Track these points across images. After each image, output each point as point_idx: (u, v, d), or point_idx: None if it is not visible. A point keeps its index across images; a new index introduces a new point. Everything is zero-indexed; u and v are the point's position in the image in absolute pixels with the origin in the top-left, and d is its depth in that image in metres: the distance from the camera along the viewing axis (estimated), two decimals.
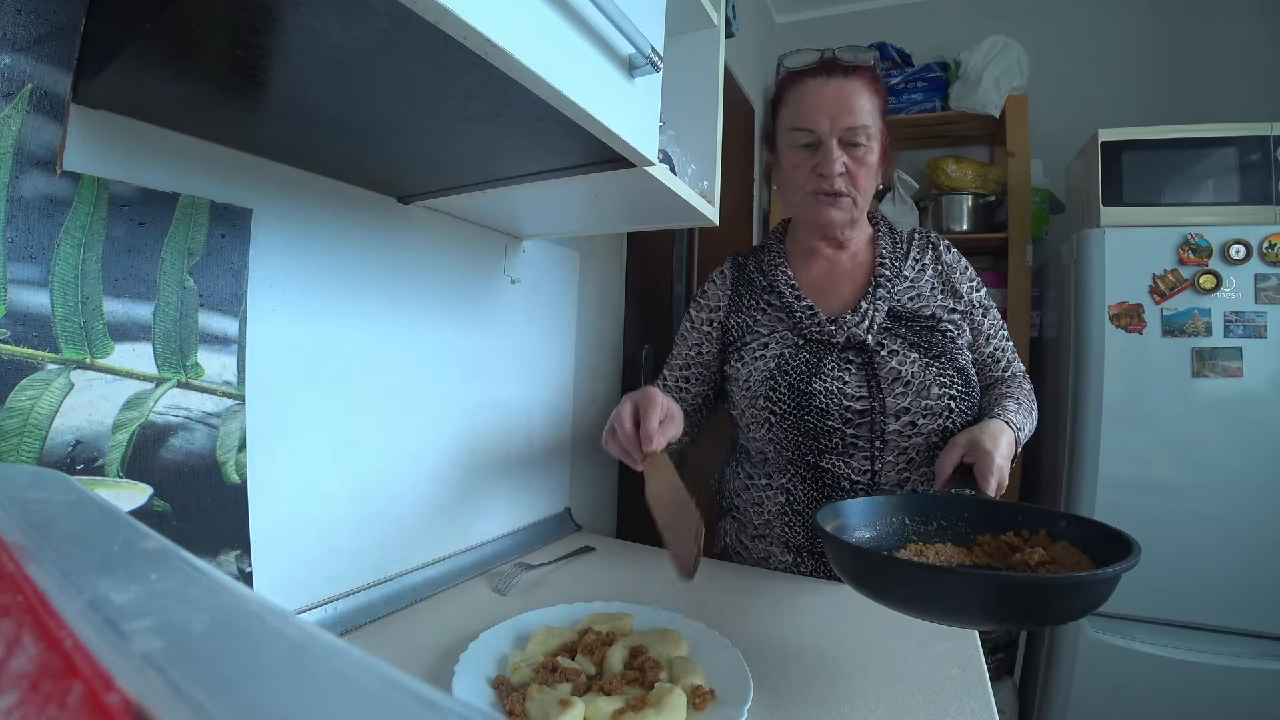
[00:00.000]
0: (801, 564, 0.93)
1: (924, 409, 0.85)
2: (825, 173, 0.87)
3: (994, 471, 0.72)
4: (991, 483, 0.72)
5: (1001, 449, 0.74)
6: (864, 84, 0.87)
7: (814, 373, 0.87)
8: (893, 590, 0.56)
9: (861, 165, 0.88)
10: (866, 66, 0.89)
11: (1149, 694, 1.52)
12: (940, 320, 0.90)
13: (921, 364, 0.86)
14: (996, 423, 0.79)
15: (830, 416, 0.86)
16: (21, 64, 0.45)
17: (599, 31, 0.50)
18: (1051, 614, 0.54)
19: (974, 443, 0.75)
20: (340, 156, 0.65)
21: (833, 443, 0.87)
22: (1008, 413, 0.82)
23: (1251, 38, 2.00)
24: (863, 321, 0.89)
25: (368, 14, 0.36)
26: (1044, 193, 2.05)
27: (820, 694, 0.60)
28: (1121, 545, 0.54)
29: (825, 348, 0.89)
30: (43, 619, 0.17)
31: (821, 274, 0.97)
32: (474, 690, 0.58)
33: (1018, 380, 0.94)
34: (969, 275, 0.96)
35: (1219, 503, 1.51)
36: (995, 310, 0.96)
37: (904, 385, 0.85)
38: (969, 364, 0.91)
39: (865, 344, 0.88)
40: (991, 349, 0.95)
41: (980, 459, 0.73)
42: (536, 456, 1.11)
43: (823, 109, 0.86)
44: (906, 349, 0.87)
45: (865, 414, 0.86)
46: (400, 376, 0.82)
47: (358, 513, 0.76)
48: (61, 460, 0.49)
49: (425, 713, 0.14)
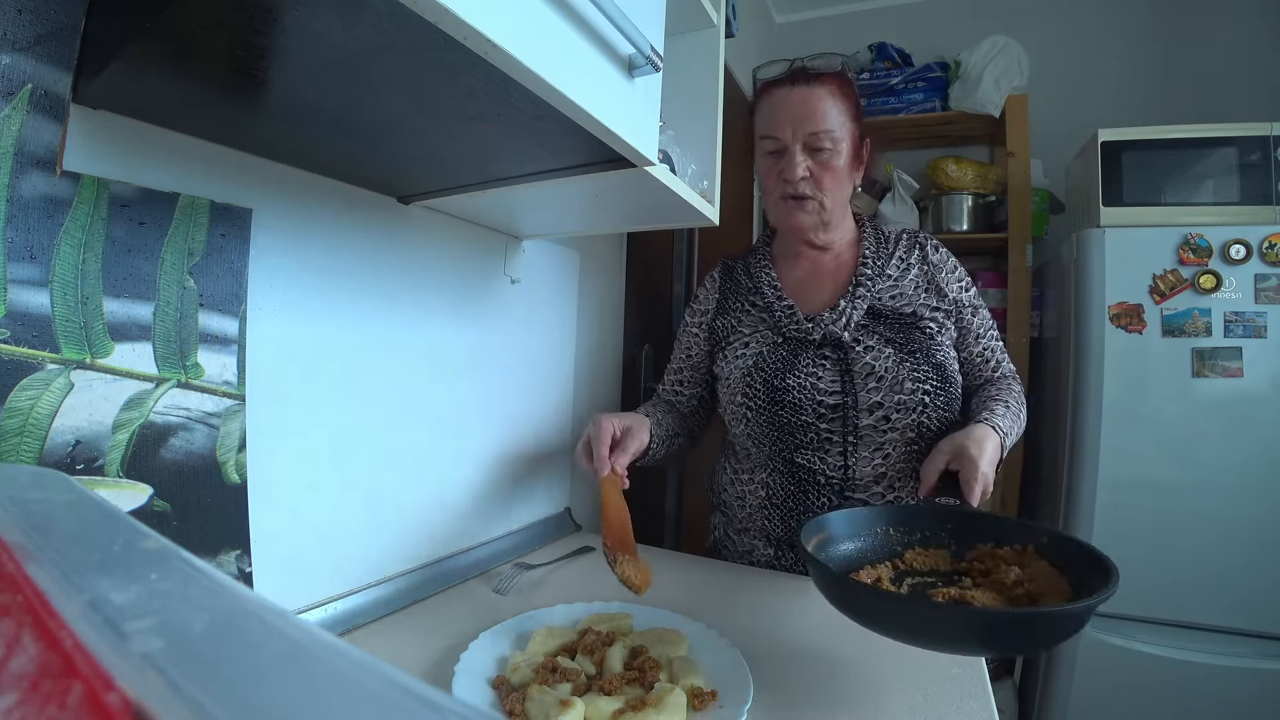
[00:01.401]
0: (782, 557, 0.95)
1: (897, 404, 0.86)
2: (788, 177, 0.90)
3: (978, 480, 0.72)
4: (976, 490, 0.72)
5: (986, 455, 0.75)
6: (829, 90, 0.90)
7: (789, 369, 0.90)
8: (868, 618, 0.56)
9: (826, 169, 0.90)
10: (833, 73, 0.92)
11: (1149, 694, 1.52)
12: (921, 318, 0.91)
13: (896, 359, 0.87)
14: (982, 428, 0.79)
15: (804, 411, 0.88)
16: (21, 64, 0.45)
17: (599, 31, 0.50)
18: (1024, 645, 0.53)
19: (959, 450, 0.75)
20: (340, 156, 0.65)
21: (807, 438, 0.89)
22: (995, 417, 0.82)
23: (1251, 38, 2.00)
24: (840, 319, 0.90)
25: (368, 14, 0.36)
26: (1044, 193, 2.05)
27: (820, 694, 0.60)
28: (1100, 571, 0.54)
29: (802, 345, 0.91)
30: (43, 619, 0.17)
31: (804, 275, 1.00)
32: (474, 690, 0.58)
33: (1007, 381, 0.95)
34: (957, 275, 0.96)
35: (1219, 503, 1.50)
36: (985, 310, 0.97)
37: (877, 380, 0.87)
38: (948, 361, 0.91)
39: (841, 340, 0.89)
40: (981, 348, 0.96)
41: (965, 466, 0.74)
42: (536, 457, 1.11)
43: (786, 116, 0.89)
44: (882, 345, 0.88)
45: (838, 409, 0.87)
46: (400, 377, 0.82)
47: (358, 513, 0.76)
48: (61, 460, 0.49)
49: (425, 713, 0.14)
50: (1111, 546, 1.74)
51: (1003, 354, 0.98)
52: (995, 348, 0.97)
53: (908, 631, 0.53)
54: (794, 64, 0.96)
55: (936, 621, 0.52)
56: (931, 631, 0.52)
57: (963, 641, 0.53)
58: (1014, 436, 0.85)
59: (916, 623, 0.53)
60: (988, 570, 0.65)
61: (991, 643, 0.53)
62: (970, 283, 0.97)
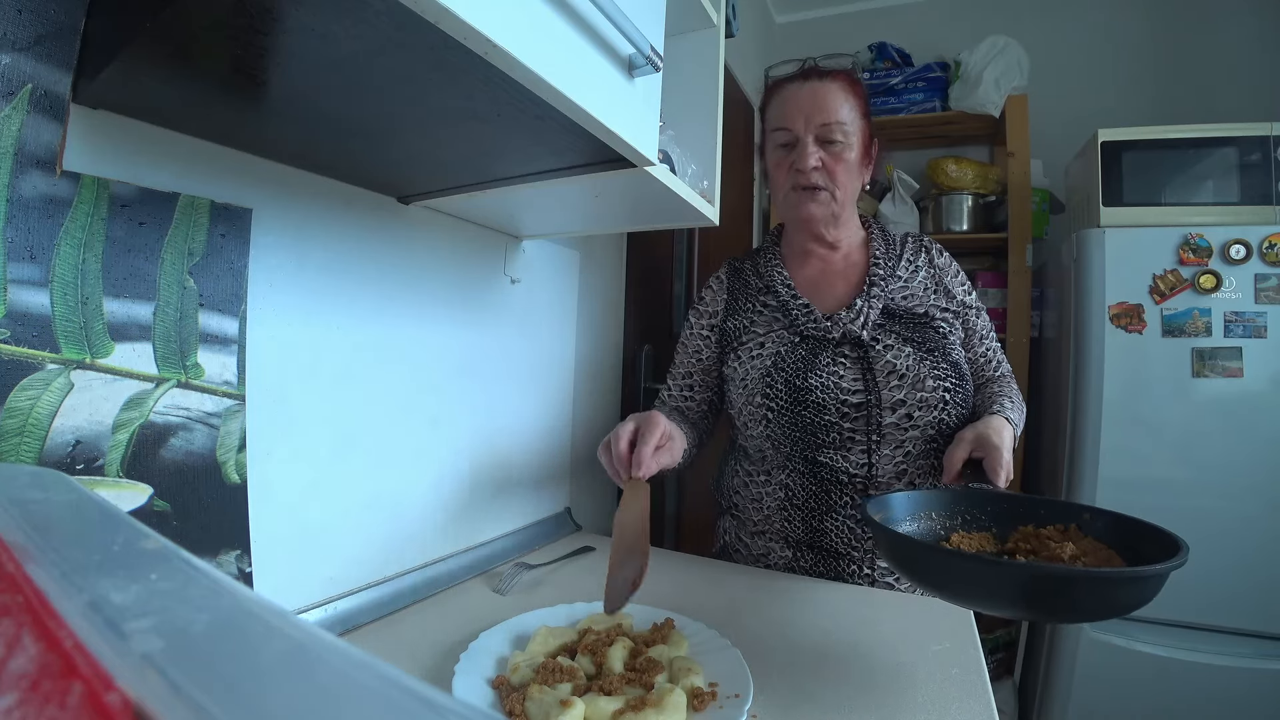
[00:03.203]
0: (800, 559, 0.94)
1: (919, 401, 0.87)
2: (801, 167, 0.91)
3: (1003, 465, 0.75)
4: (1001, 475, 0.75)
5: (1006, 443, 0.78)
6: (840, 86, 0.91)
7: (810, 368, 0.90)
8: (949, 584, 0.56)
9: (839, 161, 0.91)
10: (844, 70, 0.95)
11: (1149, 694, 1.52)
12: (934, 318, 0.93)
13: (916, 358, 0.88)
14: (998, 419, 0.82)
15: (827, 411, 0.88)
16: (21, 64, 0.45)
17: (599, 31, 0.50)
18: (1097, 610, 0.54)
19: (981, 438, 0.78)
20: (340, 156, 0.65)
21: (830, 437, 0.89)
22: (1006, 410, 0.86)
23: (1251, 38, 2.00)
24: (858, 318, 0.91)
25: (368, 14, 0.36)
26: (1044, 193, 2.05)
27: (820, 694, 0.60)
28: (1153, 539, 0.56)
29: (821, 344, 0.92)
30: (43, 619, 0.17)
31: (816, 274, 1.00)
32: (474, 690, 0.58)
33: (1006, 380, 0.99)
34: (960, 279, 1.00)
35: (1219, 502, 1.50)
36: (985, 312, 1.01)
37: (899, 378, 0.87)
38: (962, 359, 0.94)
39: (860, 339, 0.90)
40: (984, 349, 0.99)
41: (989, 453, 0.77)
42: (536, 457, 1.11)
43: (798, 109, 0.91)
44: (901, 343, 0.90)
45: (861, 407, 0.88)
46: (400, 376, 0.82)
47: (358, 513, 0.76)
48: (61, 460, 0.49)
49: (425, 713, 0.14)
50: None
51: (1000, 355, 1.01)
52: (995, 349, 1.00)
53: (986, 591, 0.54)
54: (805, 63, 0.98)
55: (1016, 579, 0.52)
56: (1007, 592, 0.53)
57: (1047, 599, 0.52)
58: (1019, 430, 0.89)
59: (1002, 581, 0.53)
60: (1034, 550, 0.65)
61: (1085, 605, 0.53)
62: (970, 286, 1.01)
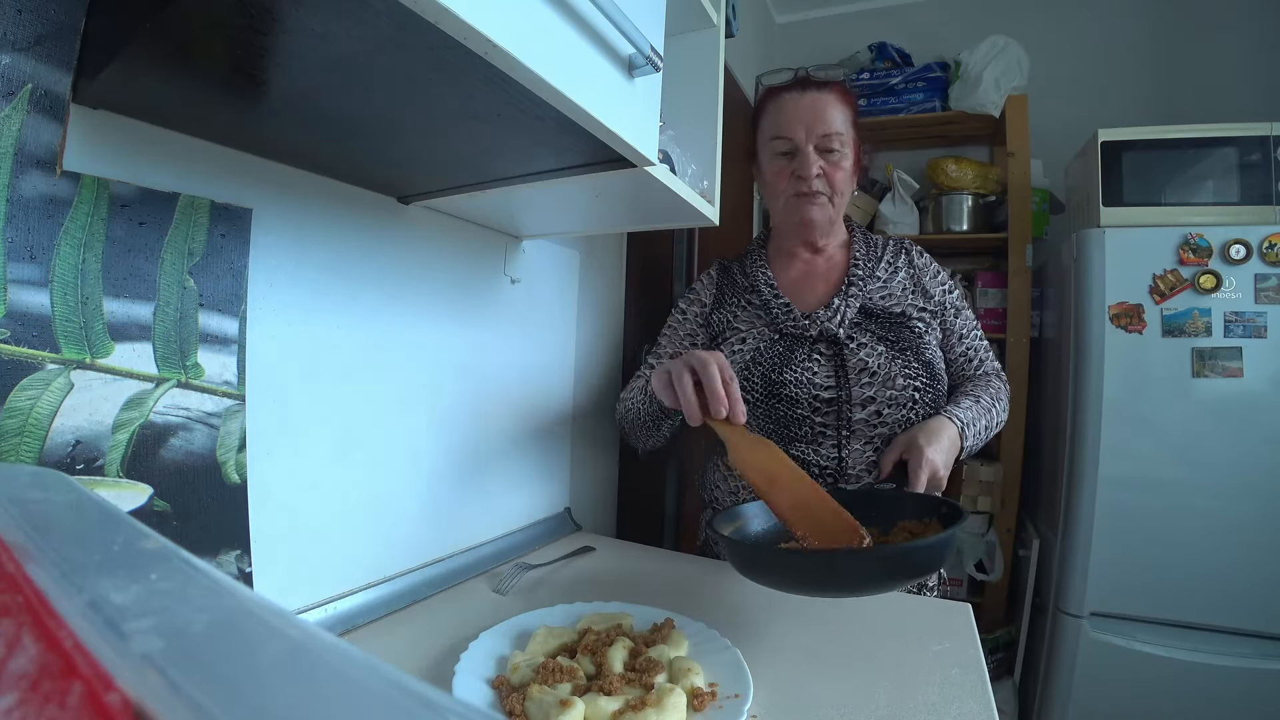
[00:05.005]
0: None
1: (889, 399, 0.90)
2: (803, 175, 0.94)
3: (923, 467, 0.78)
4: (921, 477, 0.77)
5: (941, 444, 0.80)
6: (836, 97, 0.96)
7: (786, 364, 0.93)
8: (767, 575, 0.63)
9: (837, 169, 0.96)
10: (837, 81, 1.00)
11: (1149, 694, 1.52)
12: (910, 318, 0.96)
13: (888, 356, 0.91)
14: (939, 420, 0.85)
15: (800, 405, 0.91)
16: (21, 64, 0.45)
17: (599, 31, 0.50)
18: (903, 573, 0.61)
19: (910, 440, 0.82)
20: (340, 156, 0.65)
21: (802, 430, 0.91)
22: (958, 409, 0.88)
23: (1251, 38, 2.00)
24: (835, 316, 0.94)
25: (368, 14, 0.36)
26: (1044, 193, 2.05)
27: (820, 694, 0.60)
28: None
29: (798, 341, 0.95)
30: (43, 619, 0.17)
31: (799, 275, 1.04)
32: (474, 690, 0.58)
33: (988, 377, 1.00)
34: (940, 279, 1.02)
35: (1219, 502, 1.50)
36: (968, 311, 1.03)
37: (870, 376, 0.90)
38: (936, 359, 0.96)
39: (836, 337, 0.93)
40: (964, 348, 1.01)
41: (912, 455, 0.79)
42: (536, 457, 1.11)
43: (799, 119, 0.94)
44: (875, 342, 0.92)
45: (833, 403, 0.90)
46: (400, 376, 0.82)
47: (358, 513, 0.76)
48: (61, 460, 0.49)
49: (425, 713, 0.14)
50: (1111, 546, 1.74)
51: (987, 353, 1.03)
52: (979, 347, 1.02)
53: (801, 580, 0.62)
54: (798, 73, 1.02)
55: (821, 565, 0.60)
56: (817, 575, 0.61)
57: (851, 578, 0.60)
58: (984, 427, 0.91)
59: (796, 570, 0.61)
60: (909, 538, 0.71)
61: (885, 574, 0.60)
62: (952, 286, 1.03)
